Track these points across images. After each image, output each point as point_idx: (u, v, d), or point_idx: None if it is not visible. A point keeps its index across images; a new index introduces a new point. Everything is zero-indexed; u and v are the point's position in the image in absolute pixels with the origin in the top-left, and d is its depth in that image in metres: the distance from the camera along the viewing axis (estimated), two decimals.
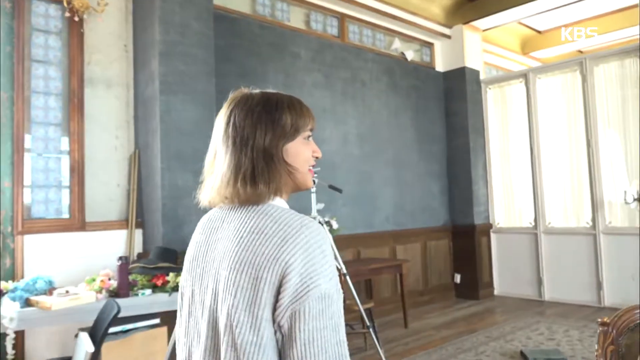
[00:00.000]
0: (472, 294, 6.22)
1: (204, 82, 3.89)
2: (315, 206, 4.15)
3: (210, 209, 1.04)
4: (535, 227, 6.06)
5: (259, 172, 0.93)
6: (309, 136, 1.01)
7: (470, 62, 6.58)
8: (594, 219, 5.58)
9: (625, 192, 5.30)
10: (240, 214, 0.94)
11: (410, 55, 6.24)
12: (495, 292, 6.42)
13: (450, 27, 6.58)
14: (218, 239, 0.96)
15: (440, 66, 6.69)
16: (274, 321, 0.85)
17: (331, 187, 3.50)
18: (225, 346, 0.86)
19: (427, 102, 6.38)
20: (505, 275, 6.28)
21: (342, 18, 5.50)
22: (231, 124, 0.97)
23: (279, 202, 0.96)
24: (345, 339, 0.86)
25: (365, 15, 5.70)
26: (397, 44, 6.11)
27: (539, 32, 7.71)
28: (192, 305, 0.98)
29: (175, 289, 3.06)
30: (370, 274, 4.83)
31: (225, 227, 0.96)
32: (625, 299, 5.28)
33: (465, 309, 5.71)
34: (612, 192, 5.52)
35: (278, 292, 0.84)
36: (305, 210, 3.38)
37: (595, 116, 5.61)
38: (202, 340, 0.93)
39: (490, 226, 6.49)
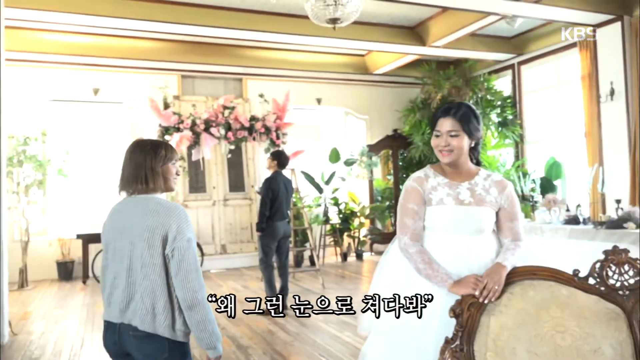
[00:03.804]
0: None
1: None
2: None
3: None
4: None
5: (151, 177, 1.91)
6: (174, 162, 1.99)
7: None
8: None
9: None
10: (141, 202, 1.91)
11: None
12: None
13: None
14: (130, 216, 1.91)
15: None
16: (164, 253, 1.84)
17: None
18: (141, 265, 1.85)
19: None
20: None
21: None
22: (139, 153, 1.94)
23: (160, 196, 1.96)
24: (197, 258, 1.89)
25: None
26: None
27: None
28: (114, 248, 1.93)
29: None
30: None
31: (132, 209, 1.91)
32: None
33: None
34: None
35: (166, 239, 1.83)
36: None
37: None
38: (124, 263, 1.89)
39: None
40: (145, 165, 1.91)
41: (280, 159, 5.46)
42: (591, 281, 1.75)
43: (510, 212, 1.97)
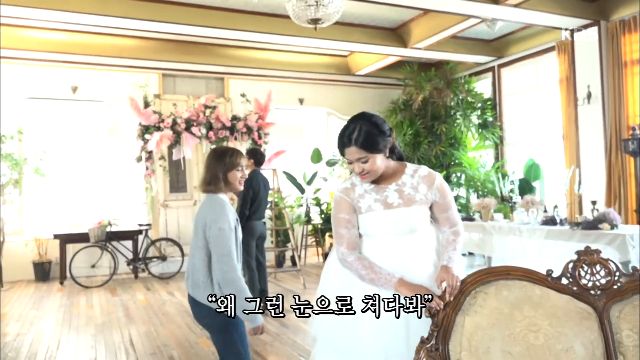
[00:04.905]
0: None
1: None
2: None
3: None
4: None
5: (213, 181, 2.42)
6: (239, 168, 2.46)
7: None
8: None
9: None
10: (204, 200, 2.47)
11: None
12: None
13: None
14: (198, 210, 2.47)
15: None
16: (205, 239, 2.36)
17: None
18: (192, 248, 2.44)
19: None
20: None
21: None
22: (209, 160, 2.47)
23: (222, 195, 2.45)
24: (231, 244, 2.35)
25: None
26: None
27: None
28: (194, 231, 2.47)
29: None
30: None
31: (200, 205, 2.50)
32: None
33: None
34: None
35: (205, 228, 2.35)
36: None
37: None
38: (193, 242, 2.45)
39: None
40: (211, 170, 2.42)
41: (256, 156, 5.42)
42: (564, 281, 1.77)
43: (443, 204, 1.98)
